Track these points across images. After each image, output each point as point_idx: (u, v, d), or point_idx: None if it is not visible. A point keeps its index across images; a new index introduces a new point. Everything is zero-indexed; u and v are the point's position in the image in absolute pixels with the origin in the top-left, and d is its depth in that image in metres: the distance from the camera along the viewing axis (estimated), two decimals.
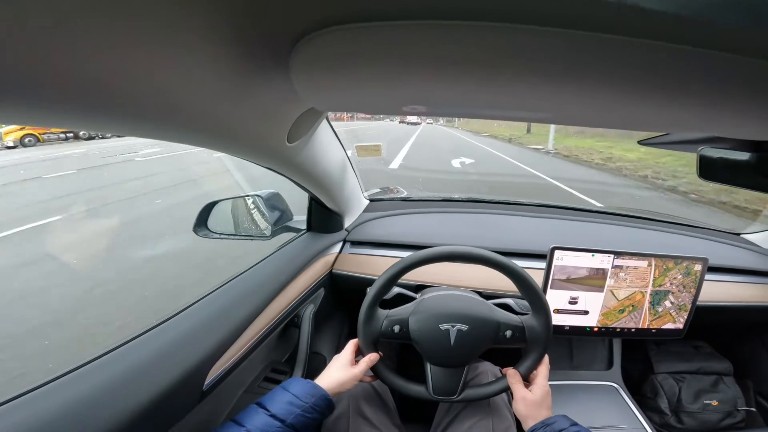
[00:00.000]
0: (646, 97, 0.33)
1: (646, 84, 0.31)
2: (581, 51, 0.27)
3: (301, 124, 0.56)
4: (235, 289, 0.78)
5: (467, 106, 0.44)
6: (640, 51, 0.26)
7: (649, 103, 0.35)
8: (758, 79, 0.28)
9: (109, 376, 0.50)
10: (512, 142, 16.24)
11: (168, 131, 0.39)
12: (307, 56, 0.32)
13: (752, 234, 1.24)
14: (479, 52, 0.28)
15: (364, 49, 0.30)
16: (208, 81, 0.34)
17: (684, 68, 0.28)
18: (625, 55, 0.27)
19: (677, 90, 0.31)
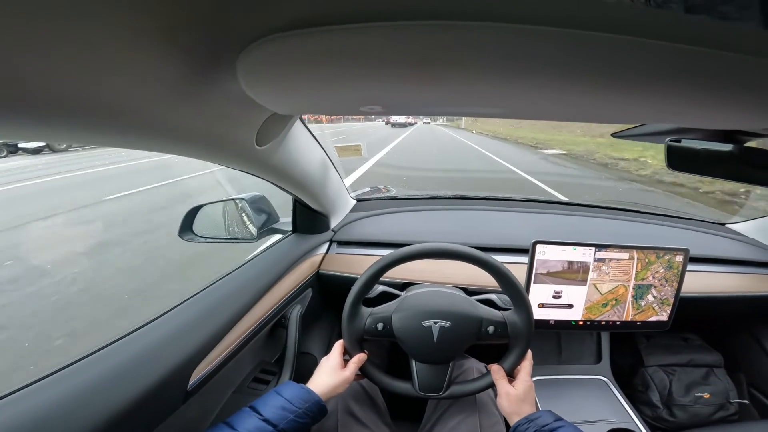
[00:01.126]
0: (613, 91, 0.34)
1: (613, 78, 0.31)
2: (540, 47, 0.27)
3: (269, 127, 0.57)
4: (219, 291, 0.79)
5: (423, 105, 0.45)
6: (604, 45, 0.26)
7: (616, 97, 0.35)
8: (723, 71, 0.28)
9: (90, 378, 0.51)
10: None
11: (124, 139, 0.39)
12: (252, 64, 0.32)
13: (736, 224, 1.24)
14: (428, 51, 0.29)
15: (307, 54, 0.30)
16: (161, 89, 0.34)
17: (649, 62, 0.28)
18: (589, 50, 0.27)
19: (643, 83, 0.32)
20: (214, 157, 0.56)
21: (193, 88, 0.37)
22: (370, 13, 0.25)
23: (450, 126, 32.11)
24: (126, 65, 0.30)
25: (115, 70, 0.29)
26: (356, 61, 0.31)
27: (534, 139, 15.42)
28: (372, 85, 0.36)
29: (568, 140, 14.17)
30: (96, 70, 0.28)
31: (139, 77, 0.31)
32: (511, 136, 17.49)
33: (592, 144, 12.15)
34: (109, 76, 0.30)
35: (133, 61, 0.30)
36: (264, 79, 0.35)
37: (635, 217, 1.25)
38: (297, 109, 0.49)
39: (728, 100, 0.35)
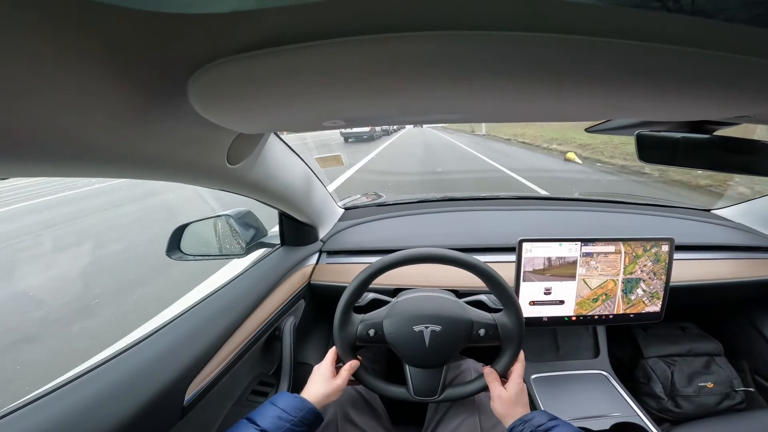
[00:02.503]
0: (576, 91, 0.34)
1: (575, 79, 0.31)
2: (499, 53, 0.27)
3: (240, 145, 0.57)
4: (209, 307, 0.79)
5: (383, 116, 0.46)
6: (566, 47, 0.26)
7: (579, 97, 0.36)
8: (682, 66, 0.29)
9: (84, 398, 0.52)
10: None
11: (82, 168, 0.39)
12: (203, 89, 0.33)
13: (722, 209, 1.23)
14: (379, 64, 0.29)
15: (258, 76, 0.30)
16: (114, 117, 0.34)
17: (608, 61, 0.28)
18: (551, 53, 0.27)
19: (605, 82, 0.32)
20: (185, 178, 0.56)
21: (148, 115, 0.37)
22: (316, 32, 0.26)
23: (449, 131, 24.40)
24: (74, 95, 0.30)
25: (64, 101, 0.30)
26: (308, 80, 0.31)
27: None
28: (329, 101, 0.36)
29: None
30: (48, 104, 0.29)
31: (89, 106, 0.32)
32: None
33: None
34: (60, 108, 0.30)
35: (82, 91, 0.30)
36: (218, 102, 0.36)
37: (621, 208, 1.25)
38: (259, 128, 0.49)
39: (689, 93, 0.35)
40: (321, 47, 0.27)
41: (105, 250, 4.22)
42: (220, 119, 0.41)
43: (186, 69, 0.31)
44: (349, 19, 0.24)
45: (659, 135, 0.64)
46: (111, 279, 3.34)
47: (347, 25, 0.25)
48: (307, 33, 0.26)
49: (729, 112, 0.46)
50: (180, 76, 0.32)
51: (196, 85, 0.32)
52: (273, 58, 0.28)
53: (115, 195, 7.79)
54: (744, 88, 0.34)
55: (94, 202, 7.19)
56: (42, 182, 10.77)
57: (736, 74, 0.30)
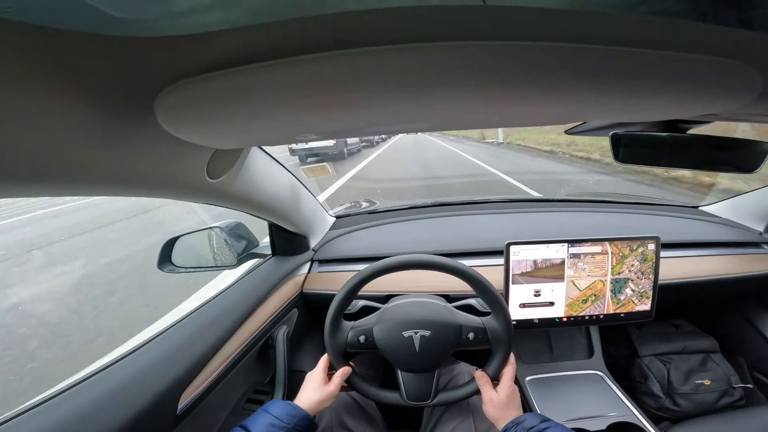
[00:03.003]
0: (544, 96, 0.34)
1: (542, 84, 0.31)
2: (461, 62, 0.27)
3: (220, 159, 0.58)
4: (200, 317, 0.80)
5: (351, 129, 0.46)
6: (532, 54, 0.26)
7: (548, 102, 0.36)
8: (646, 68, 0.29)
9: (77, 407, 0.53)
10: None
11: (56, 187, 0.39)
12: (169, 108, 0.33)
13: (710, 206, 1.23)
14: (339, 79, 0.29)
15: (223, 95, 0.31)
16: (82, 136, 0.35)
17: (574, 65, 0.28)
18: (516, 61, 0.27)
19: (581, 85, 0.32)
20: (166, 194, 0.57)
21: (119, 136, 0.38)
22: (272, 51, 0.26)
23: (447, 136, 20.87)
24: (40, 118, 0.30)
25: (30, 125, 0.30)
26: (269, 97, 0.31)
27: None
28: (294, 117, 0.37)
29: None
30: (13, 127, 0.29)
31: (56, 128, 0.32)
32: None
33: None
34: (26, 128, 0.30)
35: (47, 114, 0.30)
36: (185, 121, 0.36)
37: (609, 207, 1.25)
38: (232, 144, 0.50)
39: (655, 94, 0.36)
40: (277, 66, 0.27)
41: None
42: (190, 137, 0.42)
43: (151, 91, 0.32)
44: (303, 38, 0.25)
45: (633, 135, 0.65)
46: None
47: (302, 44, 0.26)
48: (263, 52, 0.26)
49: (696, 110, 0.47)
50: (146, 97, 0.33)
51: (162, 105, 0.33)
52: (233, 78, 0.28)
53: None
54: (707, 87, 0.34)
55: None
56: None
57: (699, 74, 0.31)
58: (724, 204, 1.23)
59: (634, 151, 0.66)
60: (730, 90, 0.36)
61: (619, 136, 0.66)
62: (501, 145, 13.51)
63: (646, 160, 0.65)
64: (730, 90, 0.36)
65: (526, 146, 11.63)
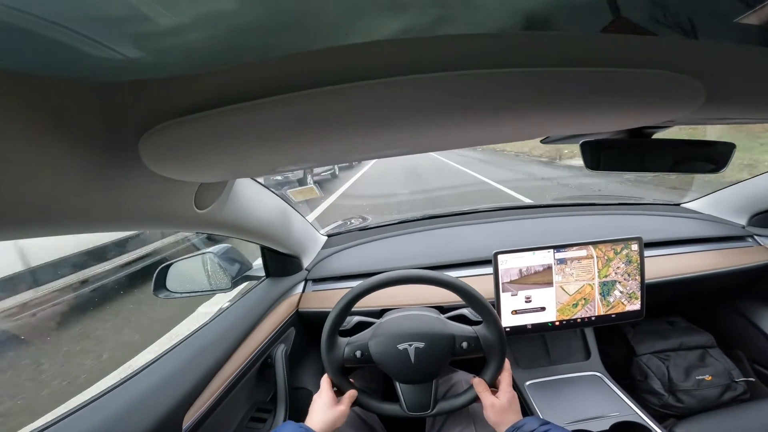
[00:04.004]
0: (516, 115, 0.36)
1: (511, 106, 0.33)
2: (421, 94, 0.29)
3: (206, 191, 0.59)
4: (199, 340, 0.82)
5: (331, 158, 0.49)
6: (494, 79, 0.28)
7: (520, 120, 0.38)
8: (603, 84, 0.31)
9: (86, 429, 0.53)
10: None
11: (46, 228, 0.40)
12: (154, 148, 0.35)
13: (691, 202, 1.25)
14: (316, 115, 0.31)
15: (207, 135, 0.32)
16: (71, 182, 0.36)
17: (536, 87, 0.30)
18: (480, 87, 0.29)
19: (540, 105, 0.34)
20: (156, 226, 0.58)
21: (104, 178, 0.39)
22: (256, 91, 0.28)
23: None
24: (24, 160, 0.31)
25: (15, 165, 0.30)
26: (254, 134, 0.33)
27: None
28: (277, 151, 0.39)
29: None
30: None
31: (38, 172, 0.33)
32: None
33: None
34: (11, 173, 0.31)
35: (30, 155, 0.31)
36: (169, 160, 0.38)
37: (592, 210, 1.27)
38: (217, 178, 0.52)
39: (610, 107, 0.38)
40: (256, 106, 0.29)
41: None
42: (175, 174, 0.43)
43: (135, 132, 0.33)
44: (280, 78, 0.27)
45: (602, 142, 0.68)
46: None
47: (280, 84, 0.27)
48: (243, 93, 0.28)
49: (650, 120, 0.49)
50: (130, 138, 0.34)
51: (146, 146, 0.34)
52: (214, 118, 0.30)
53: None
54: (655, 98, 0.36)
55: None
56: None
57: (646, 87, 0.33)
58: (705, 200, 1.25)
59: (603, 158, 0.68)
60: (677, 100, 0.37)
61: (588, 143, 0.69)
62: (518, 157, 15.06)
63: (616, 166, 0.67)
64: (677, 100, 0.37)
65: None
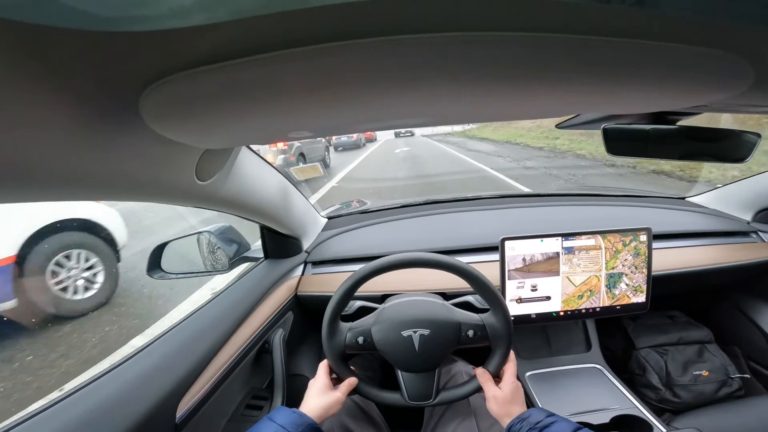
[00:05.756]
0: (548, 88, 0.34)
1: (534, 77, 0.31)
2: (451, 55, 0.27)
3: (209, 161, 0.57)
4: (194, 324, 0.79)
5: (349, 124, 0.45)
6: (526, 46, 0.26)
7: (552, 93, 0.36)
8: (636, 59, 0.29)
9: (73, 419, 0.51)
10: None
11: (37, 192, 0.38)
12: (155, 106, 0.32)
13: (697, 196, 1.25)
14: (336, 73, 0.28)
15: (213, 90, 0.30)
16: (64, 139, 0.34)
17: (565, 57, 0.28)
18: (510, 52, 0.26)
19: (575, 77, 0.32)
20: (154, 197, 0.56)
21: (102, 135, 0.36)
22: (263, 45, 0.25)
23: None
24: (17, 117, 0.29)
25: (10, 122, 0.29)
26: (261, 93, 0.30)
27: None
28: (287, 114, 0.36)
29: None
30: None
31: (35, 129, 0.31)
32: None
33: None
34: (5, 130, 0.29)
35: (25, 114, 0.29)
36: (172, 118, 0.35)
37: (599, 201, 1.26)
38: (222, 143, 0.49)
39: (647, 85, 0.35)
40: (269, 60, 0.26)
41: None
42: (177, 135, 0.40)
43: (135, 87, 0.30)
44: (296, 30, 0.24)
45: (625, 128, 0.65)
46: None
47: (295, 36, 0.25)
48: (255, 46, 0.25)
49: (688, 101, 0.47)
50: (130, 94, 0.31)
51: (147, 102, 0.32)
52: (222, 73, 0.27)
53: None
54: (700, 78, 0.34)
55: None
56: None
57: (692, 65, 0.30)
58: (710, 194, 1.25)
59: (625, 144, 0.66)
60: (722, 81, 0.35)
61: (610, 129, 0.66)
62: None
63: (637, 152, 0.65)
64: (722, 81, 0.35)
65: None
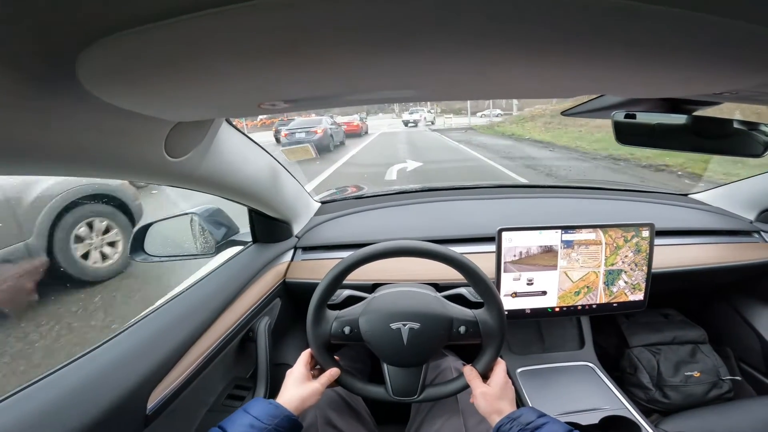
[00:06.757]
0: (554, 63, 0.30)
1: (553, 49, 0.27)
2: (453, 11, 0.21)
3: (181, 136, 0.52)
4: (173, 309, 0.76)
5: (331, 96, 0.41)
6: (542, 14, 0.22)
7: (557, 70, 0.32)
8: (660, 32, 0.25)
9: (34, 408, 0.49)
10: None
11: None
12: (96, 70, 0.28)
13: (700, 193, 1.23)
14: (308, 31, 0.23)
15: (158, 51, 0.25)
16: (7, 107, 0.30)
17: (581, 29, 0.24)
18: (524, 21, 0.22)
19: (578, 52, 0.28)
20: (120, 173, 0.52)
21: (38, 103, 0.32)
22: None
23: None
24: None
25: None
26: (229, 50, 0.26)
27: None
28: (258, 79, 0.31)
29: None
30: None
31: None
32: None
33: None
34: None
35: None
36: (116, 84, 0.31)
37: (600, 194, 1.24)
38: (185, 114, 0.44)
39: (669, 64, 0.32)
40: (230, 12, 0.21)
41: None
42: (128, 104, 0.36)
43: (69, 49, 0.26)
44: None
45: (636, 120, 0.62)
46: None
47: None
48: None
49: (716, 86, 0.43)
50: (65, 57, 0.27)
51: (85, 66, 0.27)
52: (171, 31, 0.23)
53: None
54: (737, 56, 0.30)
55: None
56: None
57: (728, 41, 0.26)
58: (714, 192, 1.23)
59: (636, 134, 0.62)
60: (757, 63, 0.32)
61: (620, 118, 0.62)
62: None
63: (648, 143, 0.62)
64: (757, 63, 0.32)
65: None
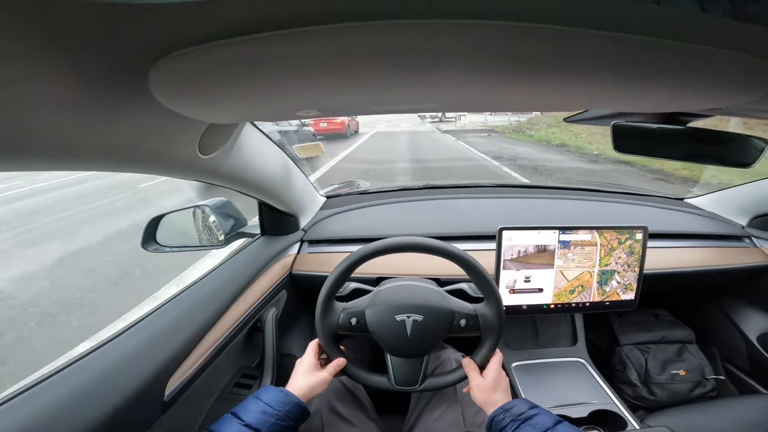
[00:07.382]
0: (554, 81, 0.34)
1: (553, 69, 0.31)
2: (470, 42, 0.27)
3: (213, 136, 0.56)
4: (187, 300, 0.78)
5: (359, 106, 0.44)
6: (546, 37, 0.26)
7: (557, 87, 0.36)
8: (656, 58, 0.28)
9: (62, 395, 0.51)
10: None
11: (46, 162, 0.38)
12: (165, 80, 0.32)
13: (695, 198, 1.26)
14: (348, 54, 0.28)
15: (224, 66, 0.29)
16: (72, 110, 0.33)
17: (584, 52, 0.28)
18: (529, 43, 0.26)
19: (587, 72, 0.31)
20: (156, 170, 0.55)
21: (108, 107, 0.36)
22: (280, 21, 0.25)
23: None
24: (23, 88, 0.29)
25: (16, 92, 0.29)
26: (274, 70, 0.30)
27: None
28: (298, 91, 0.35)
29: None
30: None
31: (41, 99, 0.30)
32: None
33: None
34: (10, 100, 0.29)
35: (32, 84, 0.29)
36: (181, 92, 0.35)
37: (597, 196, 1.27)
38: (228, 118, 0.48)
39: (667, 85, 0.35)
40: (286, 37, 0.26)
41: None
42: (185, 110, 0.40)
43: (146, 60, 0.30)
44: (313, 8, 0.24)
45: (635, 126, 0.65)
46: None
47: (312, 15, 0.24)
48: (271, 22, 0.25)
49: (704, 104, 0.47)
50: (140, 67, 0.31)
51: (157, 76, 0.31)
52: (236, 48, 0.27)
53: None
54: (720, 80, 0.34)
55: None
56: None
57: (713, 67, 0.30)
58: (708, 197, 1.26)
59: (633, 142, 0.65)
60: (742, 84, 0.35)
61: (619, 126, 0.66)
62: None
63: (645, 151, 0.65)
64: (742, 84, 0.35)
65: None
